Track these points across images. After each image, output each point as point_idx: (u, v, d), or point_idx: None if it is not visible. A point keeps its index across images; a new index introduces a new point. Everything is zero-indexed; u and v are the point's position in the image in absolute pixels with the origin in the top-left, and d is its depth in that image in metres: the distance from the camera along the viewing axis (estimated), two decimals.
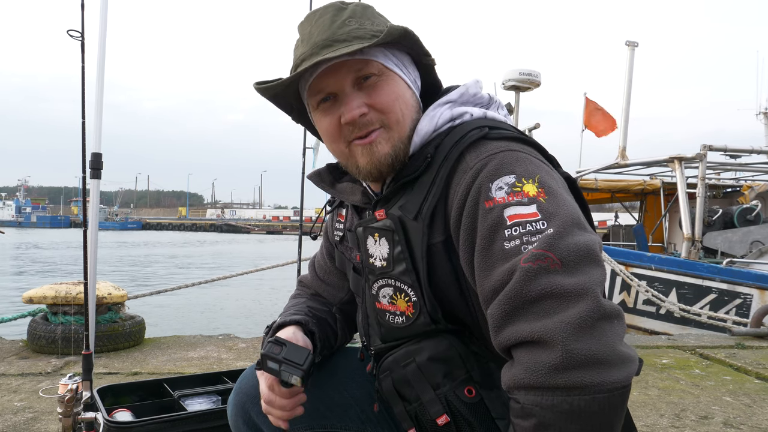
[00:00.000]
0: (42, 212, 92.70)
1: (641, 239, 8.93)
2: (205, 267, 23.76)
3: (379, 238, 1.07)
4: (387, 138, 1.05)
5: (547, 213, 0.89)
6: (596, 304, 0.80)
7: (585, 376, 0.76)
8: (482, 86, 1.15)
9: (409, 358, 1.05)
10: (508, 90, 7.76)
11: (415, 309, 1.05)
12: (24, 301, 3.74)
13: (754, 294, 6.40)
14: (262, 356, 1.12)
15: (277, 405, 1.14)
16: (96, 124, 2.20)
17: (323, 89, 1.06)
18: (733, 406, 2.87)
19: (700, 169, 7.74)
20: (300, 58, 1.05)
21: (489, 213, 0.91)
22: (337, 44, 1.01)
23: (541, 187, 0.92)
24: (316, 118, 1.11)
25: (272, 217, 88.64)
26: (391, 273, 1.06)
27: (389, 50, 1.07)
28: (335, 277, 1.37)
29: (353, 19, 1.04)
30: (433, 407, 1.02)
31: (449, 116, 1.07)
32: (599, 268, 0.86)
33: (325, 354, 1.29)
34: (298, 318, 1.25)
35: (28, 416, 2.51)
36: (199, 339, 4.12)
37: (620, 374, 0.78)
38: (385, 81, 1.05)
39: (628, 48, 8.97)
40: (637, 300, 6.99)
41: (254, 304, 12.79)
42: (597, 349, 0.77)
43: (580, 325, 0.79)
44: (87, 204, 2.16)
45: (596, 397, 0.77)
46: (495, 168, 0.94)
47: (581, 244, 0.86)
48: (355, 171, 1.10)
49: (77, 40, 2.03)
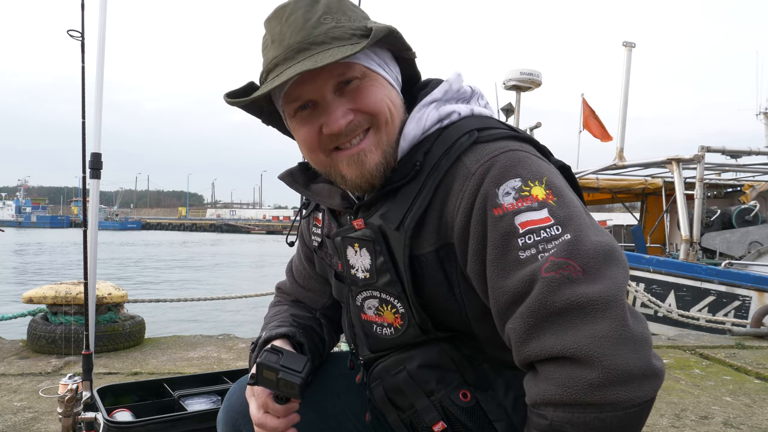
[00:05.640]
0: (42, 212, 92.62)
1: (639, 240, 8.93)
2: (206, 268, 23.68)
3: (360, 248, 1.02)
4: (377, 143, 0.98)
5: (560, 217, 0.85)
6: (623, 314, 0.78)
7: (620, 392, 0.75)
8: (463, 79, 1.09)
9: (399, 366, 1.02)
10: (509, 90, 7.77)
11: (403, 320, 1.01)
12: (24, 301, 3.74)
13: (753, 296, 6.39)
14: (258, 366, 1.04)
15: (269, 427, 1.05)
16: (96, 124, 2.20)
17: (301, 97, 0.97)
18: (733, 406, 2.87)
19: (698, 171, 7.74)
20: (273, 62, 0.96)
21: (499, 221, 0.87)
22: (315, 47, 0.93)
23: (548, 188, 0.88)
24: (293, 126, 1.03)
25: (272, 217, 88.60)
26: (376, 285, 1.01)
27: (371, 49, 0.99)
28: (316, 282, 1.30)
29: (328, 15, 0.96)
30: (428, 414, 0.99)
31: (436, 117, 1.01)
32: (620, 267, 0.83)
33: (315, 364, 1.21)
34: (284, 330, 1.17)
35: (28, 416, 2.51)
36: (199, 339, 4.12)
37: (651, 387, 0.78)
38: (368, 83, 0.98)
39: (625, 49, 8.98)
40: (635, 303, 6.99)
41: (255, 303, 12.78)
42: (633, 364, 0.76)
43: (613, 338, 0.77)
44: (87, 204, 2.16)
45: (628, 412, 0.76)
46: (499, 172, 0.90)
47: (599, 246, 0.83)
48: (340, 181, 1.03)
49: (77, 40, 2.03)
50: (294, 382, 1.01)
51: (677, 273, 6.79)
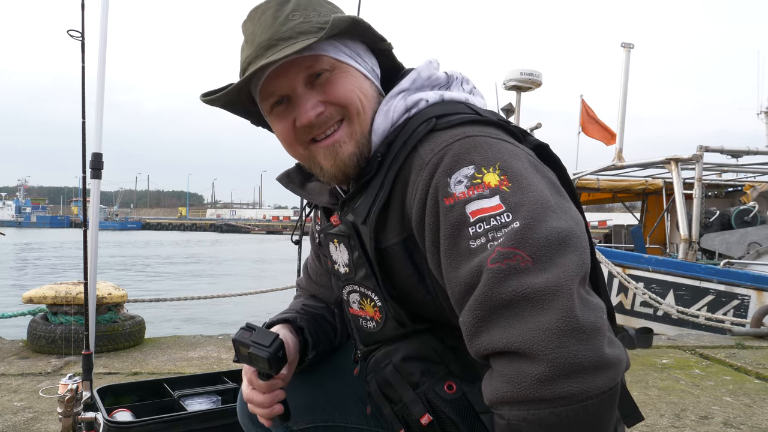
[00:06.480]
0: (42, 212, 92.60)
1: (639, 240, 8.93)
2: (206, 273, 23.69)
3: (338, 244, 1.05)
4: (350, 134, 1.00)
5: (512, 203, 0.82)
6: (571, 304, 0.75)
7: (571, 385, 0.72)
8: (438, 65, 1.07)
9: (386, 359, 1.03)
10: (509, 90, 7.77)
11: (381, 313, 1.03)
12: (24, 301, 3.74)
13: (752, 295, 6.40)
14: (233, 342, 1.10)
15: (256, 402, 1.12)
16: (96, 124, 2.20)
17: (274, 92, 1.00)
18: (733, 406, 2.87)
19: (697, 170, 7.75)
20: (246, 61, 0.99)
21: (450, 211, 0.85)
22: (282, 43, 0.95)
23: (503, 174, 0.85)
24: (271, 122, 1.05)
25: (272, 217, 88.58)
26: (354, 279, 1.04)
27: (340, 41, 1.00)
28: (327, 278, 1.33)
29: (297, 12, 0.97)
30: (415, 407, 0.99)
31: (403, 107, 1.00)
32: (575, 253, 0.79)
33: (321, 349, 1.25)
34: (286, 316, 1.23)
35: (28, 416, 2.51)
36: (199, 339, 4.12)
37: (607, 377, 0.74)
38: (338, 74, 0.99)
39: (624, 50, 8.99)
40: (635, 302, 6.99)
41: (255, 303, 12.78)
42: (582, 355, 0.73)
43: (558, 330, 0.73)
44: (87, 204, 2.16)
45: (584, 405, 0.73)
46: (452, 160, 0.88)
47: (551, 232, 0.80)
48: (319, 173, 1.05)
49: (77, 40, 2.03)
50: (262, 356, 1.05)
51: (676, 272, 6.79)
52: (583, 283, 0.80)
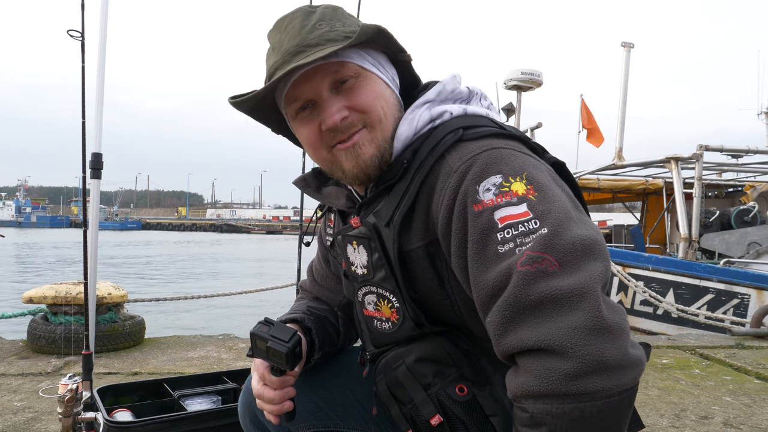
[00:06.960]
0: (42, 212, 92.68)
1: (639, 240, 8.93)
2: (206, 274, 23.69)
3: (357, 245, 1.07)
4: (370, 139, 1.03)
5: (539, 211, 0.87)
6: (597, 305, 0.79)
7: (597, 381, 0.76)
8: (460, 80, 1.12)
9: (398, 360, 1.05)
10: (509, 89, 7.78)
11: (399, 315, 1.05)
12: (24, 301, 3.74)
13: (752, 294, 6.40)
14: (251, 336, 1.11)
15: (266, 398, 1.13)
16: (96, 124, 2.20)
17: (300, 97, 1.03)
18: (733, 406, 2.87)
19: (697, 170, 7.75)
20: (273, 67, 1.02)
21: (479, 217, 0.89)
22: (309, 49, 0.98)
23: (529, 183, 0.90)
24: (296, 127, 1.08)
25: (272, 217, 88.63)
26: (372, 280, 1.06)
27: (364, 50, 1.04)
28: (332, 281, 1.35)
29: (323, 21, 1.02)
30: (426, 408, 1.01)
31: (428, 117, 1.04)
32: (599, 261, 0.84)
33: (326, 351, 1.27)
34: (294, 316, 1.24)
35: (28, 416, 2.51)
36: (199, 339, 4.12)
37: (629, 376, 0.78)
38: (363, 81, 1.03)
39: (624, 49, 8.99)
40: (635, 301, 6.99)
41: (255, 303, 12.79)
42: (609, 354, 0.77)
43: (587, 328, 0.77)
44: (87, 204, 2.16)
45: (607, 402, 0.77)
46: (480, 169, 0.92)
47: (577, 239, 0.84)
48: (341, 176, 1.08)
49: (77, 40, 2.03)
50: (281, 351, 1.06)
51: (676, 271, 6.79)
52: (604, 289, 0.84)
